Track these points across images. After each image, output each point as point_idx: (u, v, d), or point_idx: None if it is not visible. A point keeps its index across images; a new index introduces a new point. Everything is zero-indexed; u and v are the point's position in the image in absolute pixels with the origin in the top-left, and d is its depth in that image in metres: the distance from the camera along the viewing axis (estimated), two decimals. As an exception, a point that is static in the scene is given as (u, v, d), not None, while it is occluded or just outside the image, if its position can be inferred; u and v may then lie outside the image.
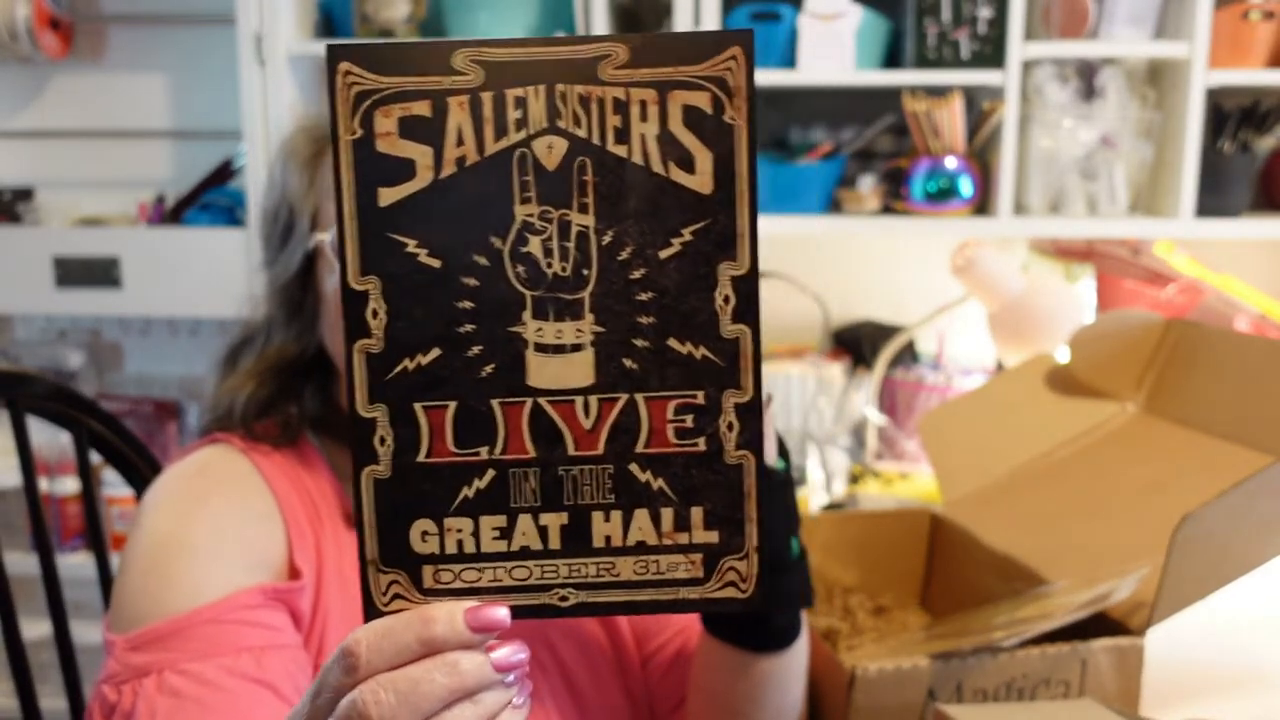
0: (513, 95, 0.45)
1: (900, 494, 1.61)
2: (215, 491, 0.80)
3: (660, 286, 0.46)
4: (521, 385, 0.46)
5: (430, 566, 0.47)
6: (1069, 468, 1.22)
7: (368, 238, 0.45)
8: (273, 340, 0.85)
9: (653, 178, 0.45)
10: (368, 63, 0.44)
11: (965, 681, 0.86)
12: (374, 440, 0.46)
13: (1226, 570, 0.98)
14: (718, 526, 0.46)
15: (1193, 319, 1.55)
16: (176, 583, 0.74)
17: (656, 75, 0.45)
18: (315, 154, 0.84)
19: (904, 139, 1.77)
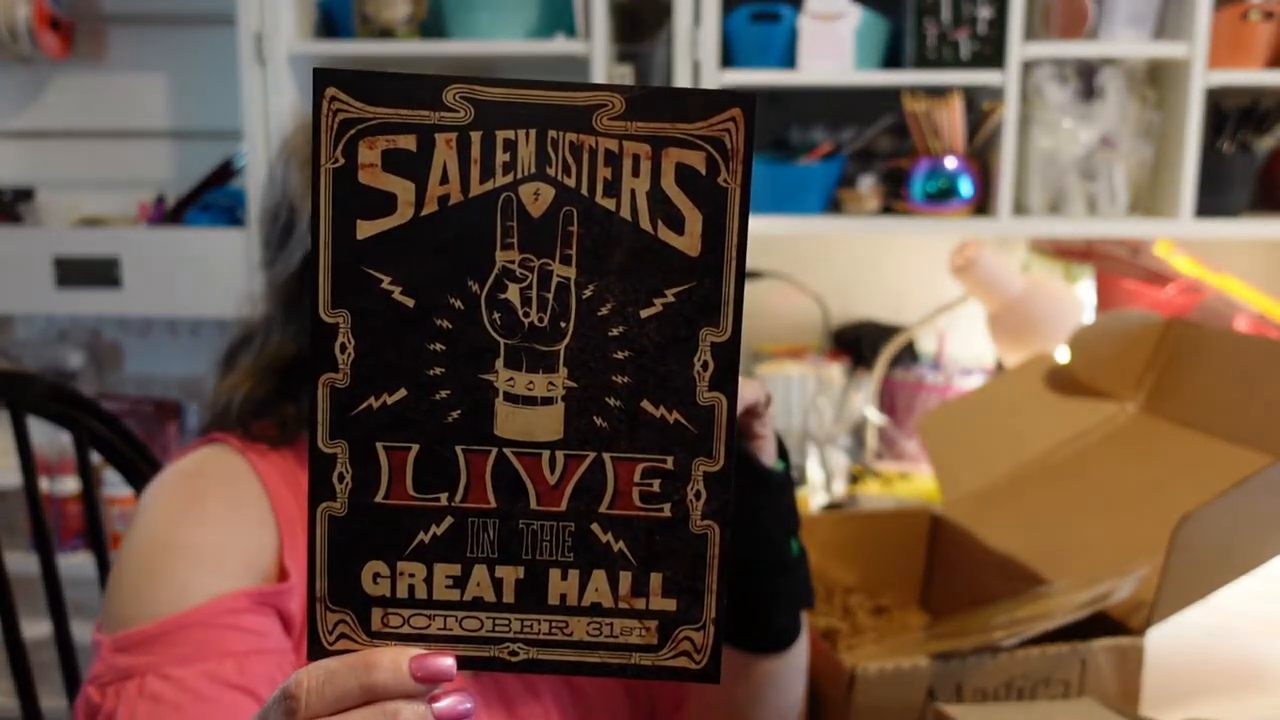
0: (502, 137, 0.43)
1: (900, 494, 1.61)
2: (209, 493, 0.80)
3: (638, 346, 0.45)
4: (488, 434, 0.45)
5: (380, 609, 0.46)
6: (1069, 468, 1.22)
7: (341, 270, 0.44)
8: (271, 339, 0.85)
9: (640, 234, 0.44)
10: (355, 90, 0.43)
11: (965, 681, 0.86)
12: (332, 476, 0.45)
13: (1227, 570, 0.98)
14: (676, 595, 0.45)
15: (1192, 319, 1.55)
16: (164, 585, 0.74)
17: (652, 130, 0.44)
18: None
19: (904, 139, 1.77)
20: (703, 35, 1.60)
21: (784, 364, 1.80)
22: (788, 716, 0.78)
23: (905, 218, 1.72)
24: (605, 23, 1.62)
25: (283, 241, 0.84)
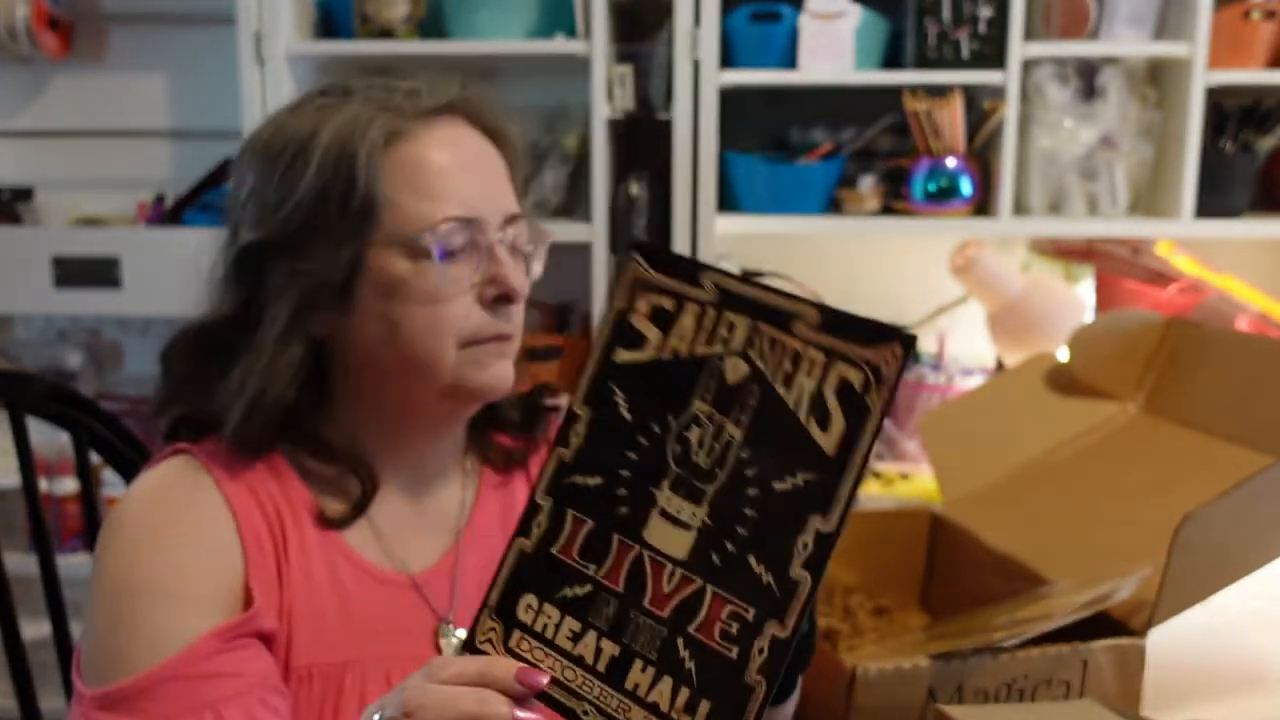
0: (728, 318, 0.56)
1: (901, 494, 1.61)
2: (171, 520, 0.79)
3: (764, 510, 0.54)
4: (639, 535, 0.56)
5: (519, 632, 0.59)
6: (1069, 468, 1.21)
7: (598, 380, 0.59)
8: (265, 340, 0.81)
9: (796, 424, 0.54)
10: (651, 259, 0.59)
11: (966, 682, 0.86)
12: (534, 521, 0.59)
13: (1228, 571, 0.98)
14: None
15: (1193, 319, 1.55)
16: (136, 632, 0.74)
17: (830, 344, 0.54)
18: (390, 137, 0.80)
19: (904, 139, 1.77)
20: (703, 35, 1.60)
21: (784, 364, 1.79)
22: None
23: (905, 218, 1.71)
24: (605, 22, 1.62)
25: (340, 225, 0.78)
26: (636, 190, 1.67)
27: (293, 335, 0.80)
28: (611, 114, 1.65)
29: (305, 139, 0.79)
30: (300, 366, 0.81)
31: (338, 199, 0.78)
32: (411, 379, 0.82)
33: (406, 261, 0.78)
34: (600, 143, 1.64)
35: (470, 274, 0.80)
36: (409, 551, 0.86)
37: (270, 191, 0.79)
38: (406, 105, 0.80)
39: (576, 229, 1.68)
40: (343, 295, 0.79)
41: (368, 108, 0.80)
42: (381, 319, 0.79)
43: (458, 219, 0.79)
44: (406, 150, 0.79)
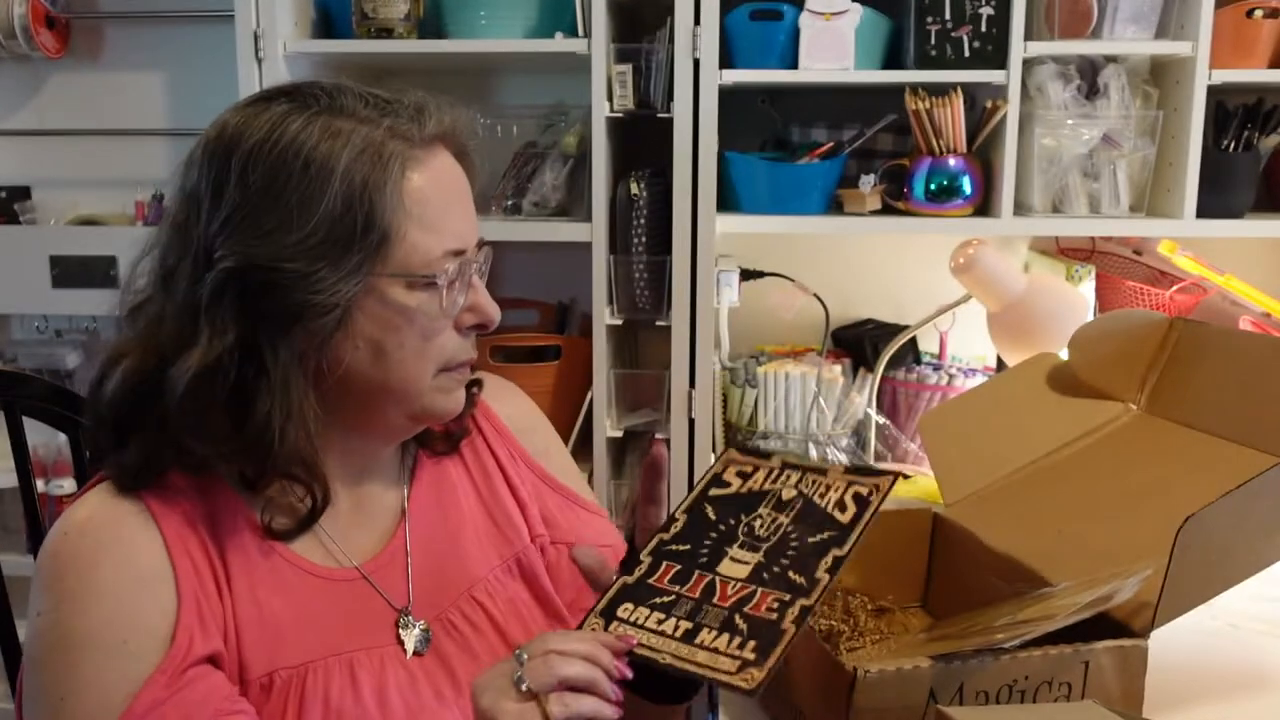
0: (787, 473, 0.90)
1: (901, 494, 1.60)
2: (103, 563, 0.77)
3: (800, 552, 0.83)
4: (714, 569, 0.83)
5: (617, 622, 0.80)
6: (1071, 468, 1.21)
7: (696, 502, 0.89)
8: (280, 381, 0.78)
9: (825, 514, 0.85)
10: (740, 449, 0.93)
11: (967, 683, 0.85)
12: (635, 566, 0.84)
13: (1230, 572, 0.98)
14: (756, 653, 0.75)
15: (1196, 319, 1.54)
16: (84, 689, 0.74)
17: (850, 478, 0.88)
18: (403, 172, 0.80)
19: (905, 138, 1.77)
20: (703, 34, 1.59)
21: (784, 364, 1.79)
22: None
23: (906, 217, 1.71)
24: (605, 21, 1.61)
25: (351, 256, 0.77)
26: (636, 190, 1.67)
27: (299, 370, 0.79)
28: (611, 113, 1.65)
29: (322, 161, 0.76)
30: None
31: (355, 230, 0.77)
32: (385, 401, 0.83)
33: (408, 292, 0.79)
34: (600, 142, 1.64)
35: (457, 303, 0.82)
36: (351, 545, 0.87)
37: (271, 215, 0.76)
38: (412, 132, 0.80)
39: (576, 228, 1.68)
40: (339, 323, 0.78)
41: (377, 131, 0.79)
42: (371, 345, 0.80)
43: (454, 252, 0.81)
44: (414, 183, 0.79)
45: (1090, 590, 0.90)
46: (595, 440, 1.70)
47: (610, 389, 1.72)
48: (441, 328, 0.82)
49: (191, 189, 0.80)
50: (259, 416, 0.77)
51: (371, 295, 0.79)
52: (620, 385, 1.75)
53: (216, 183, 0.78)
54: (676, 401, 1.66)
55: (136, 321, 0.82)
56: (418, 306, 0.80)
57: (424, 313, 0.80)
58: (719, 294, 1.70)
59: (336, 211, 0.76)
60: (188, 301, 0.78)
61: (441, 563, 0.91)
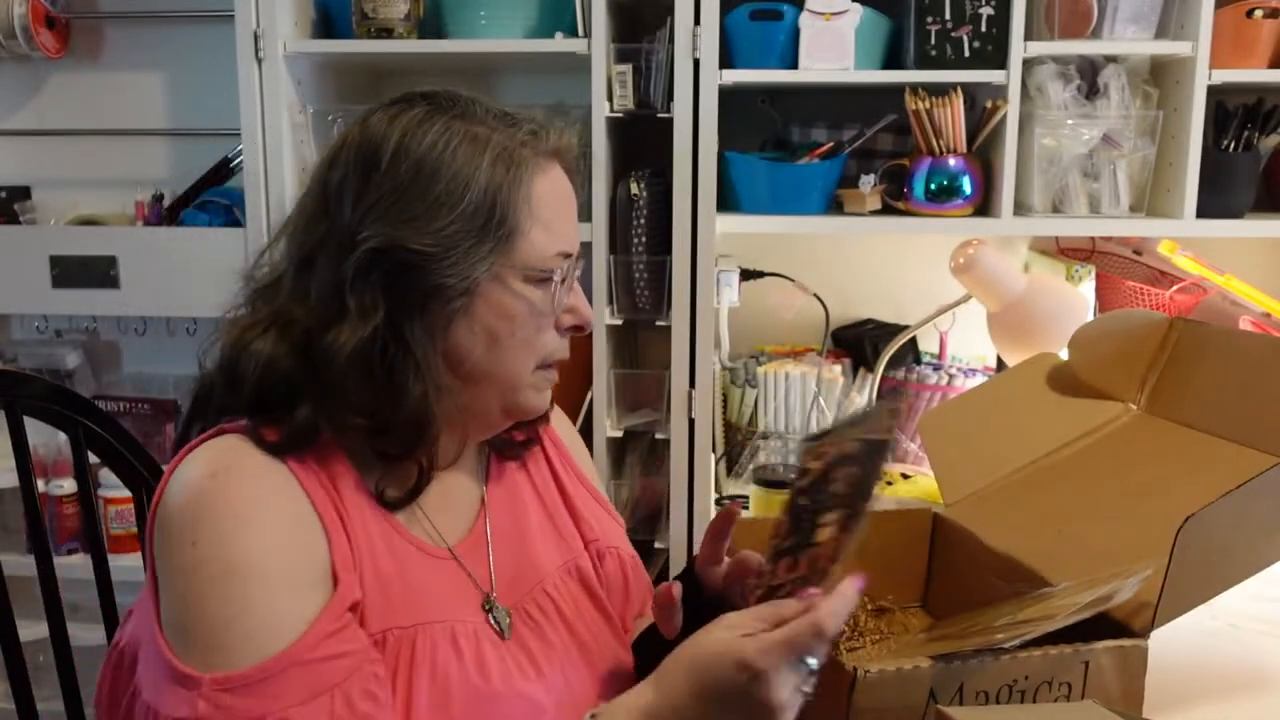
0: (857, 427, 0.83)
1: (902, 494, 1.61)
2: (257, 500, 0.81)
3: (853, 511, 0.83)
4: (811, 541, 0.82)
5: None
6: (1071, 468, 1.21)
7: (790, 504, 0.82)
8: (422, 358, 0.84)
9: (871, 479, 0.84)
10: (807, 439, 0.84)
11: (967, 683, 0.85)
12: (759, 582, 0.83)
13: (1230, 572, 0.98)
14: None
15: (1196, 319, 1.54)
16: (256, 617, 0.77)
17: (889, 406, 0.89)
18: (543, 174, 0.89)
19: (905, 138, 1.77)
20: (703, 33, 1.59)
21: (784, 364, 1.79)
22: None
23: (906, 217, 1.71)
24: (605, 21, 1.61)
25: (483, 245, 0.84)
26: (636, 190, 1.67)
27: (435, 351, 0.85)
28: (611, 113, 1.65)
29: (466, 160, 0.85)
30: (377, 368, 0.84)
31: (490, 222, 0.85)
32: (489, 391, 0.90)
33: (525, 286, 0.87)
34: (600, 142, 1.64)
35: (563, 302, 0.90)
36: (442, 527, 0.93)
37: (417, 203, 0.84)
38: (538, 143, 0.89)
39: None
40: (463, 308, 0.85)
41: (511, 139, 0.87)
42: (487, 332, 0.87)
43: (565, 254, 0.90)
44: (539, 187, 0.88)
45: (1090, 590, 0.90)
46: (595, 440, 1.70)
47: (610, 389, 1.72)
48: (548, 324, 0.90)
49: (339, 179, 0.87)
50: (412, 396, 0.84)
51: (496, 284, 0.86)
52: (620, 385, 1.75)
53: (364, 172, 0.85)
54: (676, 401, 1.66)
55: (269, 300, 0.89)
56: (532, 300, 0.87)
57: (537, 307, 0.88)
58: (719, 294, 1.70)
59: (475, 204, 0.84)
60: (331, 280, 0.84)
61: (516, 557, 0.96)
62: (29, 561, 1.11)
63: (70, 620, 1.15)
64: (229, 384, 0.86)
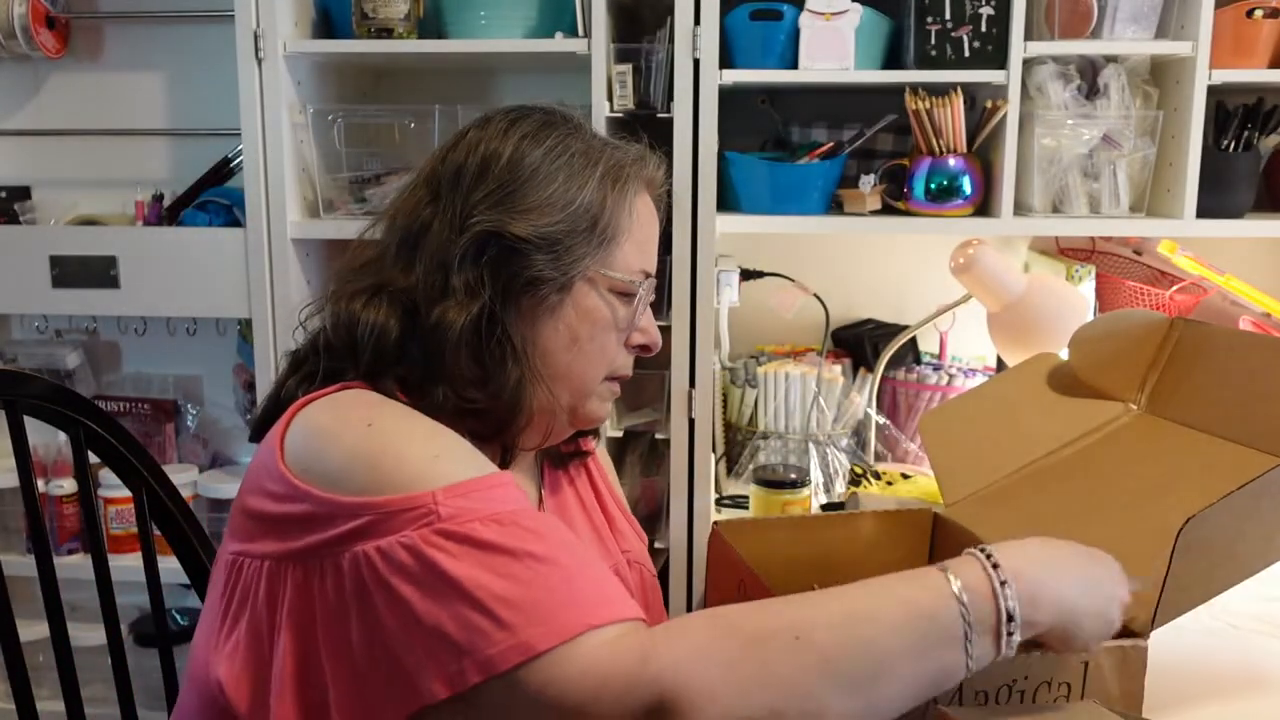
0: None
1: (902, 494, 1.61)
2: (415, 412, 0.84)
3: None
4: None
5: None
6: (1071, 468, 1.21)
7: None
8: (524, 343, 0.89)
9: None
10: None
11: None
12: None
13: (1230, 573, 0.98)
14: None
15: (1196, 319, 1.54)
16: (457, 453, 0.79)
17: None
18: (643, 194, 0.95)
19: (905, 138, 1.77)
20: (703, 33, 1.59)
21: (784, 364, 1.79)
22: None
23: (906, 217, 1.71)
24: (605, 21, 1.61)
25: (584, 244, 0.89)
26: (636, 189, 1.66)
27: (530, 337, 0.89)
28: (611, 113, 1.65)
29: (583, 166, 0.90)
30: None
31: (594, 226, 0.90)
32: (562, 391, 0.92)
33: (611, 295, 0.92)
34: (600, 142, 1.64)
35: (640, 318, 0.95)
36: None
37: (532, 196, 0.88)
38: (644, 169, 0.95)
39: (576, 228, 1.68)
40: (555, 304, 0.89)
41: (625, 157, 0.94)
42: (570, 331, 0.91)
43: (647, 274, 0.94)
44: (638, 205, 0.94)
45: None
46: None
47: (610, 389, 1.72)
48: (623, 337, 0.94)
49: (455, 166, 0.91)
50: (511, 378, 0.88)
51: (585, 285, 0.91)
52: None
53: (482, 164, 0.89)
54: (676, 401, 1.66)
55: (372, 274, 0.91)
56: (614, 308, 0.92)
57: (618, 315, 0.93)
58: (719, 294, 1.70)
59: (584, 208, 0.89)
60: (439, 258, 0.88)
61: None
62: (29, 561, 1.11)
63: (70, 620, 1.15)
64: (343, 349, 0.88)
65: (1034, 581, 0.75)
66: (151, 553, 1.22)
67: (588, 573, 0.74)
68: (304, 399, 0.84)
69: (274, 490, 0.78)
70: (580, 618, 0.69)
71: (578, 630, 0.69)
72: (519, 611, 0.69)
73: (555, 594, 0.70)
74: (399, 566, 0.71)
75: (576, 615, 0.69)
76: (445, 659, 0.69)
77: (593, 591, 0.72)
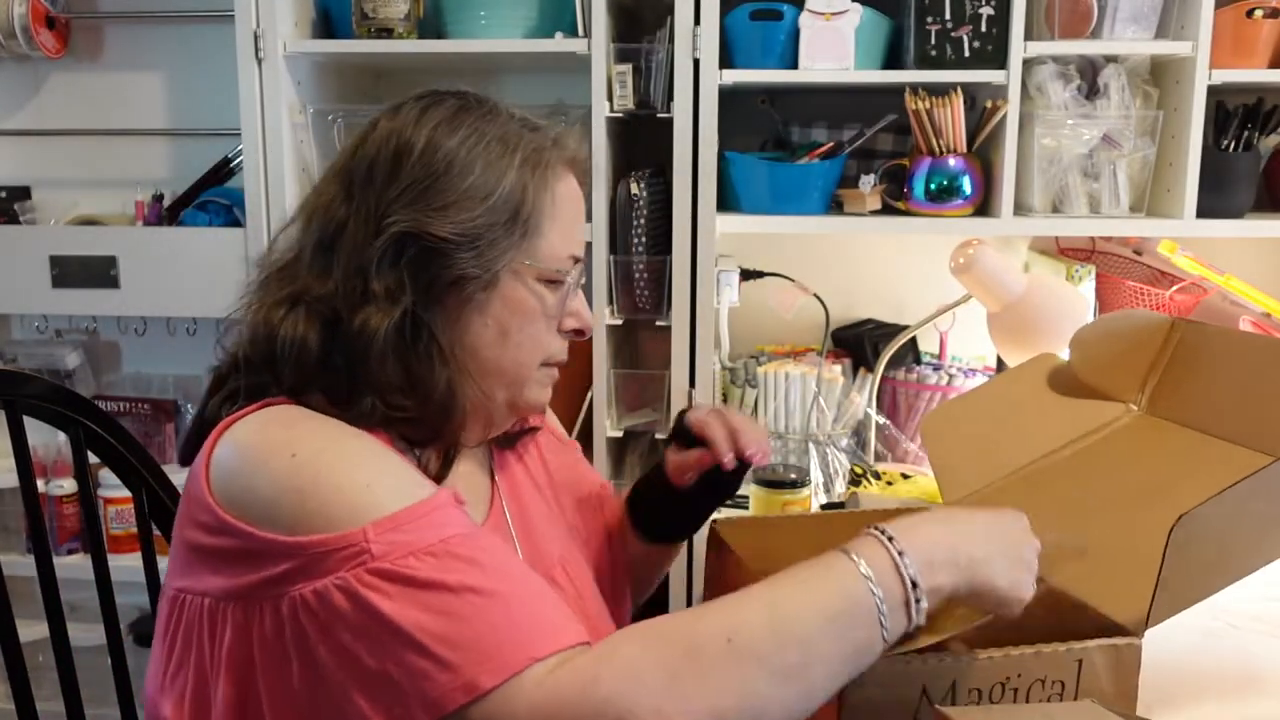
0: None
1: (902, 494, 1.60)
2: (342, 429, 0.81)
3: None
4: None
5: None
6: (1072, 469, 1.21)
7: None
8: (449, 346, 0.86)
9: None
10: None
11: (960, 680, 0.85)
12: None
13: (1224, 572, 0.98)
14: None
15: (1196, 319, 1.54)
16: (386, 478, 0.77)
17: None
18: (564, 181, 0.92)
19: (905, 138, 1.77)
20: (703, 33, 1.59)
21: (784, 364, 1.79)
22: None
23: (906, 217, 1.71)
24: (605, 21, 1.61)
25: (505, 239, 0.86)
26: (636, 190, 1.67)
27: (455, 335, 0.87)
28: (611, 113, 1.65)
29: (499, 155, 0.87)
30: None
31: (514, 218, 0.87)
32: (497, 384, 0.91)
33: (538, 284, 0.89)
34: (600, 142, 1.64)
35: (570, 304, 0.93)
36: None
37: (449, 191, 0.85)
38: (563, 150, 0.91)
39: (576, 228, 1.68)
40: (480, 301, 0.87)
41: (544, 140, 0.90)
42: (498, 325, 0.88)
43: (575, 258, 0.92)
44: (560, 190, 0.91)
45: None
46: (595, 440, 1.70)
47: (610, 389, 1.72)
48: (554, 324, 0.92)
49: (367, 162, 0.87)
50: (440, 381, 0.85)
51: (512, 279, 0.88)
52: (620, 385, 1.75)
53: (394, 159, 0.86)
54: (676, 401, 1.66)
55: (287, 281, 0.87)
56: (543, 298, 0.90)
57: (547, 305, 0.90)
58: (719, 294, 1.70)
59: (503, 199, 0.86)
60: (355, 262, 0.85)
61: (531, 538, 1.00)
62: (29, 561, 1.11)
63: (70, 620, 1.15)
64: (263, 364, 0.85)
65: (928, 547, 0.78)
66: (151, 553, 1.22)
67: (528, 600, 0.73)
68: (226, 420, 0.81)
69: (204, 521, 0.76)
70: (524, 652, 0.69)
71: (522, 665, 0.69)
72: (461, 650, 0.68)
73: (497, 630, 0.70)
74: (337, 613, 0.70)
75: (520, 650, 0.69)
76: (389, 703, 0.69)
77: (534, 621, 0.72)
